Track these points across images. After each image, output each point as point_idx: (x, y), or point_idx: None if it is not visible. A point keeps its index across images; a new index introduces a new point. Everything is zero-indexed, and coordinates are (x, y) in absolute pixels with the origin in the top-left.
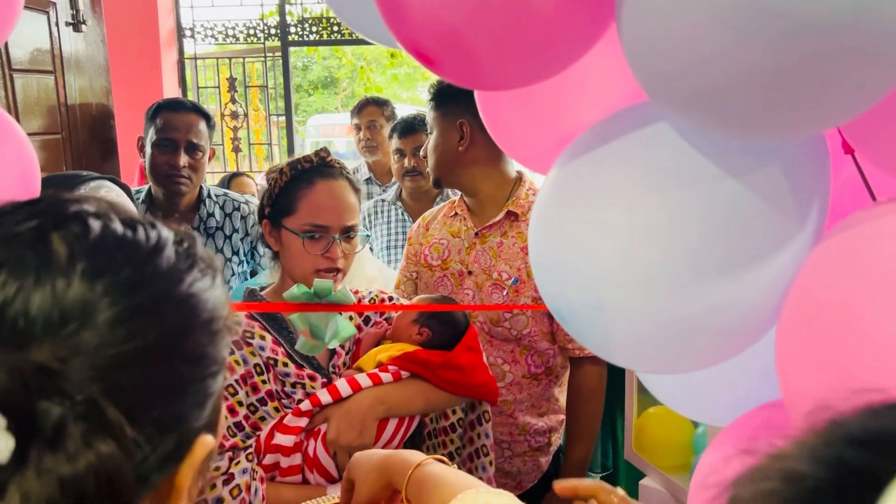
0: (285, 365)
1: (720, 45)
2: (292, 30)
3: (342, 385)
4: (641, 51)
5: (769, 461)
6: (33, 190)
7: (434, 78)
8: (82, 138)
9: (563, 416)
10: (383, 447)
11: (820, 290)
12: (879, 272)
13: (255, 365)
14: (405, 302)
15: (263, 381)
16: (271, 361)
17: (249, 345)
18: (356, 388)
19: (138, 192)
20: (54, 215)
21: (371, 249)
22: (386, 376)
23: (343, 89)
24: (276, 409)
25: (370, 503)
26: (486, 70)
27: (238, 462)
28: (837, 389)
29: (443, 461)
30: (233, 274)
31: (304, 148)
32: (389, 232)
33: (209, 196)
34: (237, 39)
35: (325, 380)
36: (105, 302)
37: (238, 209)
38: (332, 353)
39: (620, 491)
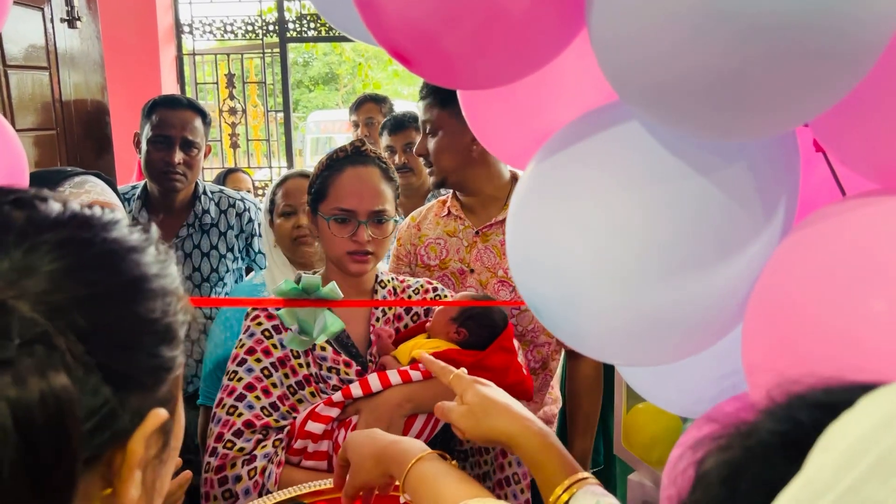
0: (322, 349)
1: (679, 43)
2: (290, 26)
3: (373, 380)
4: (608, 47)
5: (731, 431)
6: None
7: None
8: (77, 135)
9: (556, 409)
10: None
11: (784, 283)
12: (842, 265)
13: (293, 350)
14: (449, 296)
15: (300, 365)
16: (310, 346)
17: (288, 329)
18: (386, 384)
19: (134, 188)
20: (15, 193)
21: None
22: (416, 374)
23: (344, 85)
24: (313, 394)
25: (364, 487)
26: (462, 70)
27: (264, 446)
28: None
29: (444, 457)
30: (227, 270)
31: (305, 144)
32: None
33: (205, 193)
34: (235, 35)
35: (359, 367)
36: (53, 255)
37: (233, 206)
38: (370, 341)
39: (457, 371)
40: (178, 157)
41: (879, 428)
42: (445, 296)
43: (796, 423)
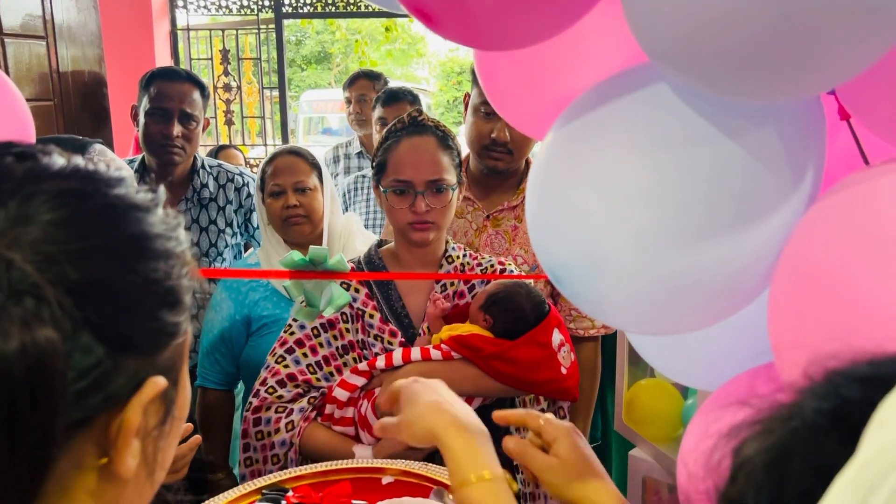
0: (371, 316)
1: (719, 0)
2: (286, 1)
3: (396, 354)
4: (640, 7)
5: (771, 414)
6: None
7: (429, 55)
8: (74, 106)
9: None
10: None
11: (812, 251)
12: (871, 233)
13: (342, 313)
14: (516, 271)
15: (347, 330)
16: (360, 312)
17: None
18: (407, 359)
19: (132, 161)
20: (18, 146)
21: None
22: (436, 353)
23: (336, 64)
24: (356, 359)
25: (401, 447)
26: (487, 29)
27: (301, 401)
28: (828, 346)
29: (510, 485)
30: (226, 246)
31: (297, 124)
32: (368, 210)
33: (203, 167)
34: (230, 11)
35: (404, 339)
36: (51, 205)
37: (232, 180)
38: (424, 314)
39: (548, 415)
40: (177, 129)
41: None
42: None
43: (844, 399)
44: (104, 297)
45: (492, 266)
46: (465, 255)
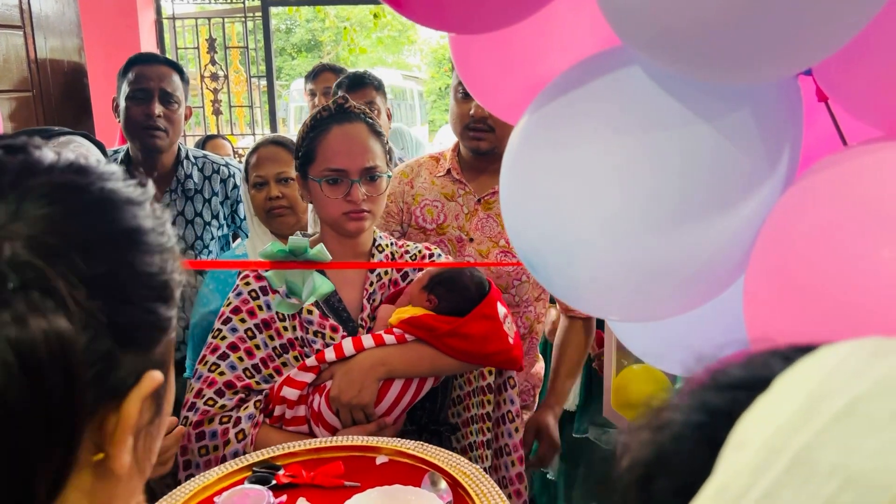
0: (310, 313)
1: None
2: None
3: (346, 344)
4: None
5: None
6: None
7: (420, 42)
8: (55, 97)
9: (540, 367)
10: (388, 408)
11: (788, 235)
12: (848, 214)
13: (277, 312)
14: (443, 259)
15: (285, 328)
16: (298, 309)
17: (276, 291)
18: (359, 348)
19: (116, 152)
20: (6, 138)
21: None
22: (389, 338)
23: (327, 53)
24: (297, 358)
25: None
26: (454, 11)
27: (246, 407)
28: (804, 332)
29: None
30: (212, 238)
31: (288, 113)
32: None
33: (187, 157)
34: None
35: (346, 333)
36: (46, 200)
37: (217, 172)
38: (362, 306)
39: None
40: (158, 109)
41: (798, 416)
42: (441, 258)
43: (710, 411)
44: (108, 288)
45: (419, 252)
46: (392, 244)
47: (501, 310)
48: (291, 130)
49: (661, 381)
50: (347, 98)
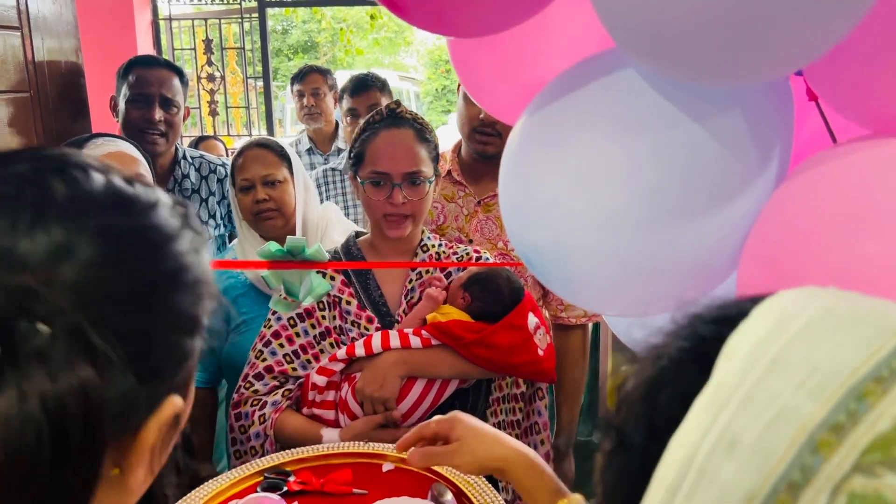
0: (348, 303)
1: None
2: None
3: (376, 341)
4: None
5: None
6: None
7: (416, 44)
8: (52, 98)
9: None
10: (411, 406)
11: (779, 231)
12: (837, 211)
13: (319, 301)
14: (491, 260)
15: (324, 317)
16: (336, 299)
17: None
18: (386, 346)
19: None
20: (57, 160)
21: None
22: (415, 341)
23: (324, 54)
24: (332, 345)
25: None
26: (453, 15)
27: (275, 394)
28: None
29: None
30: (208, 238)
31: (284, 114)
32: (346, 203)
33: (184, 157)
34: (213, 0)
35: (380, 325)
36: (93, 242)
37: (214, 171)
38: (401, 302)
39: (434, 418)
40: (158, 114)
41: (772, 332)
42: (488, 262)
43: (700, 338)
44: (138, 332)
45: (467, 254)
46: (440, 245)
47: (533, 320)
48: (287, 131)
49: None
50: (399, 103)
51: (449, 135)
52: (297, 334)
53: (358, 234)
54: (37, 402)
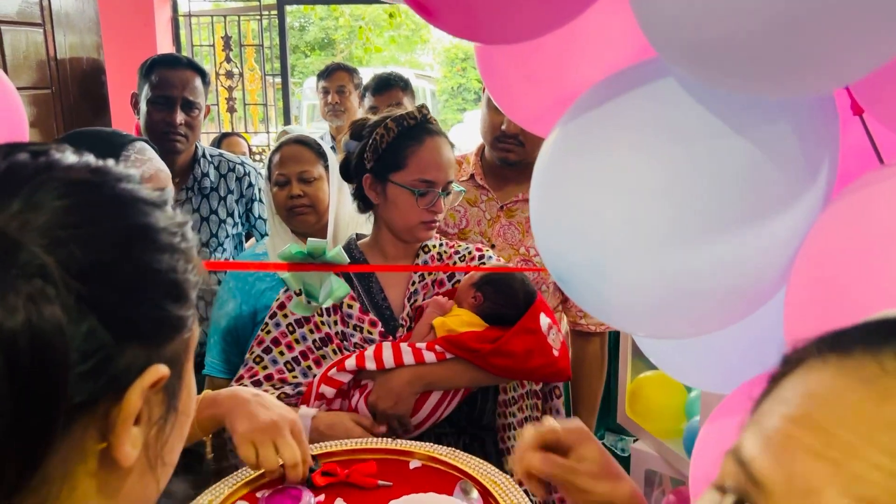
0: (350, 307)
1: None
2: None
3: (387, 355)
4: (648, 1)
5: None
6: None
7: (433, 41)
8: (73, 94)
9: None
10: (428, 415)
11: (831, 252)
12: (891, 234)
13: (318, 308)
14: (494, 260)
15: (324, 322)
16: (338, 304)
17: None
18: (399, 361)
19: None
20: (33, 145)
21: None
22: (429, 356)
23: (341, 51)
24: (335, 351)
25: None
26: (487, 22)
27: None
28: None
29: None
30: (227, 236)
31: (301, 111)
32: None
33: (204, 156)
34: None
35: (383, 329)
36: (59, 192)
37: (233, 170)
38: (404, 305)
39: (551, 420)
40: (180, 117)
41: None
42: (491, 260)
43: None
44: (110, 281)
45: (469, 253)
46: (441, 244)
47: (545, 321)
48: (304, 128)
49: (677, 388)
50: (427, 108)
51: (465, 134)
52: (297, 340)
53: (358, 237)
54: None
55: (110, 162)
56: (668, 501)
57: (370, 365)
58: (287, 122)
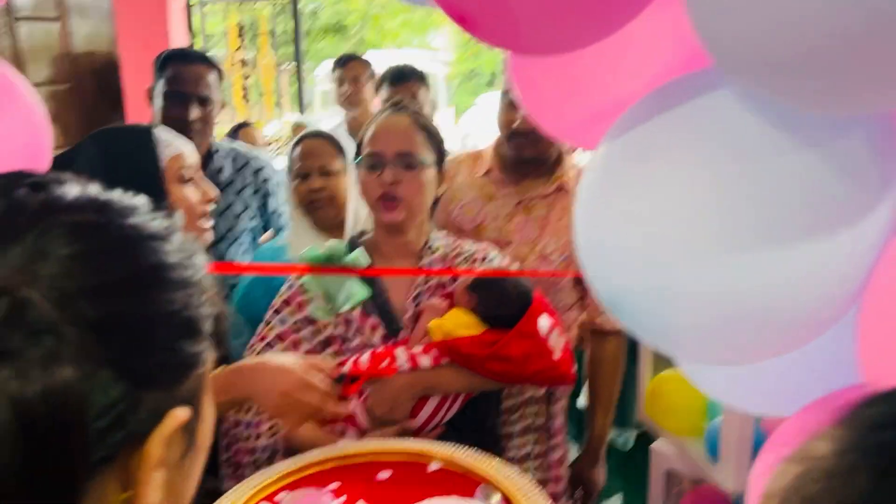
0: (351, 310)
1: (798, 3)
2: None
3: (383, 362)
4: (709, 10)
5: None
6: (41, 158)
7: (445, 25)
8: (89, 88)
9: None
10: (426, 420)
11: None
12: None
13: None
14: (498, 261)
15: (326, 325)
16: (334, 314)
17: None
18: (391, 369)
19: None
20: (32, 176)
21: None
22: (424, 361)
23: (353, 35)
24: (334, 356)
25: None
26: (529, 33)
27: None
28: None
29: None
30: (243, 230)
31: (313, 96)
32: None
33: (218, 151)
34: None
35: (386, 332)
36: (64, 240)
37: (248, 164)
38: (406, 308)
39: None
40: (195, 114)
41: None
42: (493, 261)
43: (876, 448)
44: (123, 332)
45: (473, 254)
46: (446, 245)
47: (545, 323)
48: (317, 114)
49: (697, 389)
50: (403, 100)
51: (477, 117)
52: (303, 339)
53: (361, 234)
54: (5, 404)
55: (115, 195)
56: (687, 501)
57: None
58: (301, 108)
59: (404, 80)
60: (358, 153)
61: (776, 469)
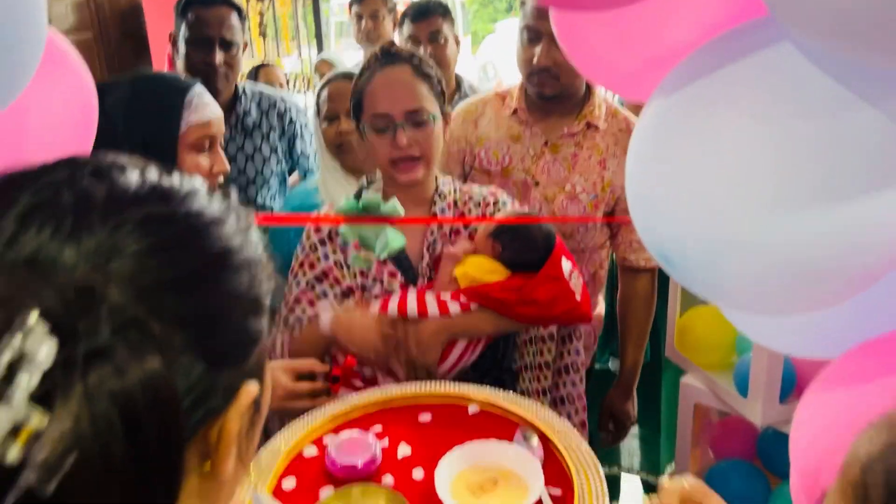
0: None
1: None
2: None
3: (411, 304)
4: None
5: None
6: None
7: None
8: (113, 37)
9: (601, 310)
10: (454, 363)
11: None
12: None
13: (336, 262)
14: (510, 205)
15: (343, 276)
16: (372, 264)
17: (332, 241)
18: (423, 314)
19: None
20: (91, 163)
21: None
22: (454, 307)
23: None
24: (356, 304)
25: None
26: None
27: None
28: None
29: None
30: (272, 173)
31: (329, 28)
32: None
33: (245, 93)
34: None
35: (404, 279)
36: (138, 234)
37: (274, 106)
38: (423, 254)
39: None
40: (219, 58)
41: None
42: (506, 205)
43: None
44: (198, 318)
45: (483, 198)
46: (455, 190)
47: (567, 266)
48: (332, 47)
49: (727, 323)
50: (393, 43)
51: (496, 44)
52: (318, 296)
53: (369, 184)
54: (107, 401)
55: (174, 180)
56: (714, 434)
57: (392, 310)
58: (319, 41)
59: (427, 15)
60: (358, 107)
61: (862, 432)
